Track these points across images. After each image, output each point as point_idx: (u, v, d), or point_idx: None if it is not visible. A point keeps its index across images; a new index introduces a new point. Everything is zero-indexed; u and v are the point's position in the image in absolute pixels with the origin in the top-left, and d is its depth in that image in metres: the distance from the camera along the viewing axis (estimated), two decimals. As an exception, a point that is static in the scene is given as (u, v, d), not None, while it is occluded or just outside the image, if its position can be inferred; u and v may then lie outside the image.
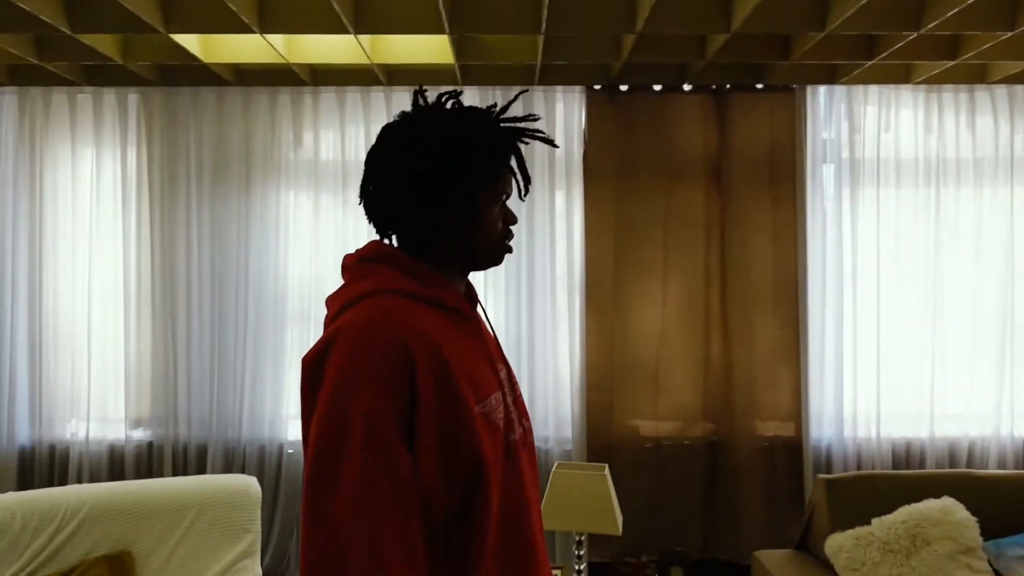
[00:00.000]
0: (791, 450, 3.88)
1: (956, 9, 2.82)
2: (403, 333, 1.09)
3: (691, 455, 3.90)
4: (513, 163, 1.25)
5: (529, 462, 1.28)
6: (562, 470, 2.59)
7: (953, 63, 3.48)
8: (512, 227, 1.29)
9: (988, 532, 2.71)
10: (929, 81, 3.83)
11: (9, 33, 3.03)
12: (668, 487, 3.89)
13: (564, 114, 3.95)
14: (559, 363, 3.91)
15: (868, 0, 2.76)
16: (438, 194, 1.18)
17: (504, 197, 1.26)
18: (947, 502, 2.70)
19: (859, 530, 2.70)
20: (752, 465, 3.88)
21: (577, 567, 2.59)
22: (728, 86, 3.92)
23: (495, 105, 1.26)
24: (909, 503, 2.74)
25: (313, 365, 1.11)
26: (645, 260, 3.93)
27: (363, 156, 1.28)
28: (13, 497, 2.70)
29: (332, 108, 3.92)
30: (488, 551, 1.14)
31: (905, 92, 3.92)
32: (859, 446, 3.88)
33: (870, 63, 3.50)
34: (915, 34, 3.09)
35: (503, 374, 1.28)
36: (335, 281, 1.26)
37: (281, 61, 3.43)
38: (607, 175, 3.93)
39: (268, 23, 3.00)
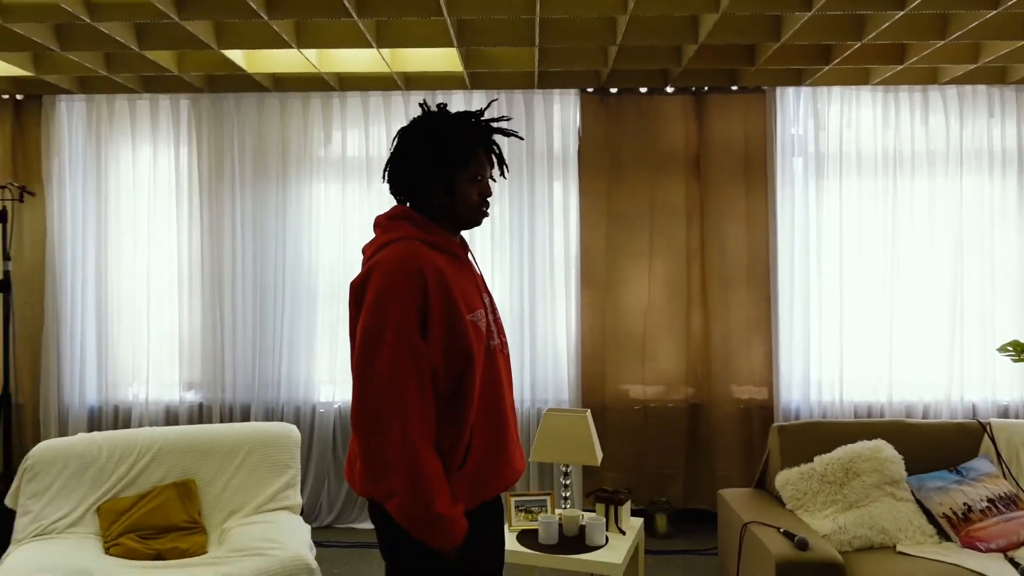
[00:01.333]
0: (763, 412, 4.37)
1: (888, 23, 3.30)
2: (420, 265, 1.62)
3: (674, 416, 4.40)
4: (484, 150, 1.75)
5: (504, 363, 1.82)
6: (551, 413, 3.10)
7: (902, 67, 3.94)
8: (488, 198, 1.79)
9: (915, 470, 3.19)
10: (886, 82, 4.29)
11: (87, 51, 3.60)
12: (653, 445, 4.40)
13: (561, 114, 4.46)
14: (557, 335, 4.42)
15: (812, 16, 3.25)
16: (429, 174, 1.72)
17: (479, 177, 1.75)
18: (878, 443, 3.17)
19: (803, 467, 3.19)
20: (728, 425, 4.37)
21: (564, 494, 3.11)
22: (706, 88, 4.40)
23: (481, 111, 1.78)
24: (849, 444, 3.22)
25: (358, 286, 1.66)
26: (633, 244, 4.43)
27: (385, 152, 1.98)
28: (100, 435, 3.28)
29: (357, 110, 4.46)
30: (473, 418, 1.68)
31: (865, 92, 4.37)
32: (824, 408, 4.36)
33: (828, 67, 3.97)
34: (859, 43, 3.57)
35: (486, 300, 1.83)
36: (360, 263, 1.78)
37: (314, 71, 3.98)
38: (599, 168, 4.44)
39: (304, 40, 3.55)
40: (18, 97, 4.44)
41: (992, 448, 3.25)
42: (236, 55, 3.81)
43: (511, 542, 2.86)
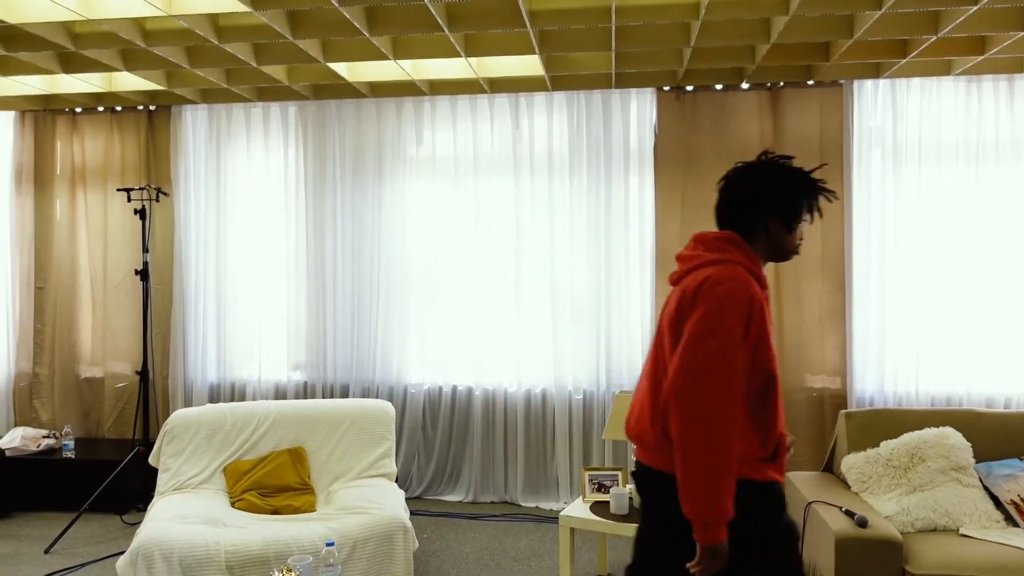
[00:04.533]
0: (836, 400, 4.46)
1: (963, 18, 3.34)
2: (752, 293, 1.84)
3: (746, 401, 4.54)
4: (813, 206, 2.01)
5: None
6: (622, 395, 3.34)
7: (984, 57, 3.93)
8: (800, 242, 2.02)
9: (984, 458, 3.26)
10: (967, 72, 4.26)
11: (212, 67, 4.08)
12: (726, 429, 4.55)
13: (637, 112, 4.65)
14: (631, 323, 4.64)
15: (884, 14, 3.33)
16: (766, 216, 1.96)
17: (803, 225, 2.00)
18: (945, 430, 3.25)
19: (869, 451, 3.31)
20: (801, 413, 4.48)
21: (633, 470, 3.35)
22: (782, 83, 4.50)
23: (813, 170, 2.02)
24: (916, 431, 3.32)
25: (691, 293, 1.87)
26: (707, 235, 4.58)
27: (472, 151, 2.73)
28: (226, 406, 3.76)
29: (446, 112, 4.80)
30: (770, 427, 1.88)
31: (946, 82, 4.36)
32: (899, 398, 4.40)
33: (905, 61, 4.00)
34: (935, 37, 3.61)
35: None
36: (449, 256, 2.09)
37: (407, 78, 4.33)
38: (675, 164, 4.61)
39: (400, 52, 3.90)
40: (150, 108, 5.01)
41: (1066, 439, 3.27)
42: (340, 67, 4.20)
43: (584, 511, 3.13)
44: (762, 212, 1.95)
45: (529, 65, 4.26)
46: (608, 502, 3.21)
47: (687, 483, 1.75)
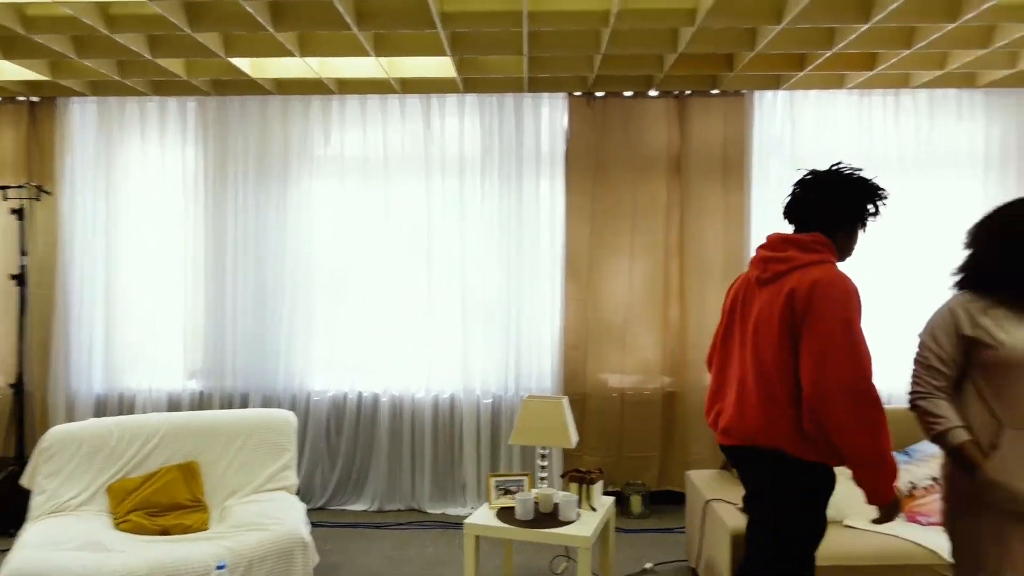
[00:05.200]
0: (738, 400, 4.60)
1: (855, 35, 3.51)
2: (856, 288, 2.08)
3: (650, 403, 4.64)
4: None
5: None
6: (530, 399, 3.33)
7: (874, 72, 4.15)
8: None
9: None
10: (860, 86, 4.49)
11: (102, 59, 3.83)
12: (630, 430, 4.64)
13: (549, 116, 4.67)
14: (542, 327, 4.66)
15: (784, 29, 3.46)
16: (846, 220, 2.19)
17: (863, 231, 2.27)
18: (835, 428, 3.40)
19: (766, 450, 3.42)
20: (701, 412, 4.60)
21: (541, 475, 3.34)
22: (688, 92, 4.61)
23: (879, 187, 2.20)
24: (809, 431, 3.45)
25: (804, 293, 2.06)
26: (616, 240, 4.66)
27: (382, 151, 3.76)
28: (111, 420, 3.53)
29: (356, 112, 4.69)
30: None
31: (840, 95, 4.58)
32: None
33: (803, 73, 4.18)
34: (830, 52, 3.78)
35: None
36: (359, 258, 2.04)
37: (315, 76, 4.20)
38: (585, 168, 4.66)
39: (307, 49, 3.78)
40: (33, 99, 4.67)
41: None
42: (242, 62, 4.03)
43: (490, 517, 3.10)
44: (843, 217, 2.18)
45: (441, 66, 4.21)
46: (514, 508, 3.19)
47: (868, 457, 2.02)
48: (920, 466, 3.28)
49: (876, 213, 2.21)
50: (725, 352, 2.35)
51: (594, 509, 3.19)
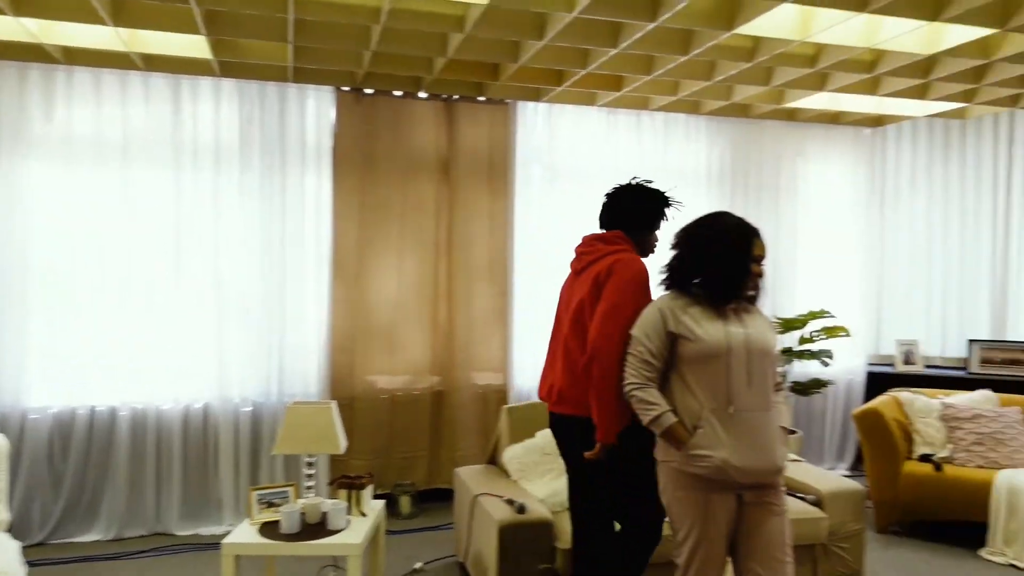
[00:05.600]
0: (499, 395, 4.82)
1: (605, 58, 3.84)
2: (645, 267, 2.56)
3: (419, 403, 4.69)
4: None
5: None
6: (295, 407, 3.18)
7: (620, 94, 4.57)
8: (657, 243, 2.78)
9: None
10: (608, 105, 4.93)
11: None
12: (399, 431, 4.65)
13: (316, 109, 4.49)
14: (307, 328, 4.47)
15: (544, 46, 3.67)
16: (645, 224, 2.72)
17: (659, 230, 2.78)
18: (588, 418, 3.70)
19: (527, 442, 3.62)
20: (469, 409, 4.76)
21: (308, 484, 3.21)
22: (456, 96, 4.72)
23: (665, 190, 2.76)
24: (566, 422, 3.71)
25: (605, 271, 2.54)
26: (384, 239, 4.62)
27: (120, 134, 3.82)
28: None
29: (87, 87, 4.10)
30: None
31: (593, 111, 4.98)
32: (553, 390, 4.91)
33: (560, 89, 4.48)
34: (584, 71, 4.09)
35: None
36: (90, 254, 1.81)
37: (33, 40, 3.60)
38: (353, 165, 4.55)
39: (23, 8, 3.22)
40: None
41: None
42: (-71, 12, 3.33)
43: (252, 534, 2.91)
44: (640, 220, 2.70)
45: (194, 46, 3.84)
46: (279, 521, 3.02)
47: (605, 401, 2.44)
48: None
49: (666, 218, 2.75)
50: (555, 337, 2.78)
51: (364, 515, 3.13)
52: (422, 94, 4.67)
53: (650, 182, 2.76)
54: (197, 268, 4.28)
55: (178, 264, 4.25)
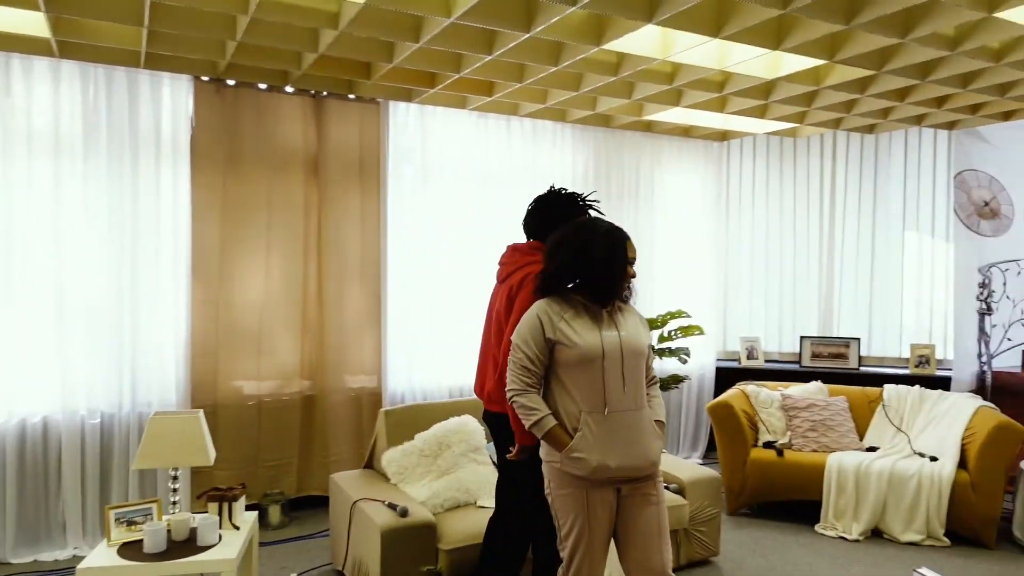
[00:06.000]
0: (373, 398, 4.75)
1: (479, 64, 3.90)
2: None
3: (289, 409, 4.52)
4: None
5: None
6: (159, 417, 2.98)
7: (491, 99, 4.66)
8: None
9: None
10: (479, 109, 5.00)
11: None
12: (267, 439, 4.46)
13: (171, 99, 4.21)
14: (163, 333, 4.18)
15: (419, 48, 3.67)
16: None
17: None
18: (465, 418, 3.75)
19: (406, 444, 3.61)
20: (341, 413, 4.65)
21: (173, 499, 3.01)
22: (325, 93, 4.60)
23: (582, 195, 2.92)
24: (443, 422, 3.74)
25: (516, 287, 2.72)
26: (250, 239, 4.42)
27: None
28: None
29: None
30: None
31: (463, 114, 5.03)
32: (425, 393, 4.91)
33: (433, 91, 4.49)
34: (457, 75, 4.13)
35: None
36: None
37: None
38: (214, 160, 4.31)
39: None
40: None
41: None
42: None
43: (110, 556, 2.70)
44: (553, 228, 2.70)
45: (29, 22, 3.49)
46: (141, 541, 2.82)
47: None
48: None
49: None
50: (485, 339, 2.94)
51: (237, 528, 2.99)
52: (289, 88, 4.51)
53: (564, 190, 2.91)
54: (32, 268, 3.89)
55: (9, 265, 3.83)
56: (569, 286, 2.47)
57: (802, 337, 5.89)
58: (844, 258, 6.02)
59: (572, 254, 2.43)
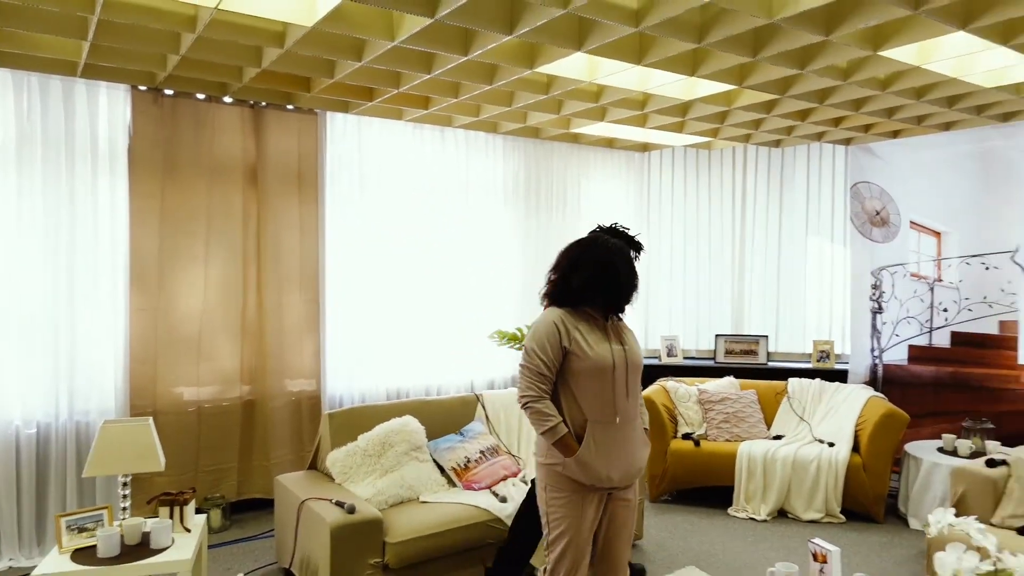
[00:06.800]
0: (312, 402, 4.88)
1: (417, 81, 4.10)
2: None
3: (229, 414, 4.60)
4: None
5: None
6: (110, 425, 3.05)
7: (427, 112, 4.86)
8: None
9: (433, 436, 4.06)
10: (416, 121, 5.19)
11: None
12: (208, 444, 4.53)
13: (108, 108, 4.22)
14: (102, 341, 4.20)
15: (361, 67, 3.84)
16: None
17: None
18: (406, 418, 3.95)
19: (349, 445, 3.78)
20: (281, 417, 4.76)
21: (123, 505, 3.09)
22: (264, 103, 4.69)
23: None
24: (386, 422, 3.92)
25: None
26: (189, 247, 4.47)
27: None
28: None
29: None
30: None
31: (400, 125, 5.21)
32: (364, 394, 5.07)
33: (371, 104, 4.66)
34: (396, 91, 4.32)
35: None
36: None
37: None
38: (152, 169, 4.35)
39: None
40: None
41: (483, 413, 4.33)
42: None
43: (64, 563, 2.78)
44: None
45: (-37, 32, 3.47)
46: (94, 546, 2.90)
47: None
48: (472, 443, 4.04)
49: None
50: None
51: (188, 530, 3.11)
52: (227, 99, 4.58)
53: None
54: (-35, 278, 3.85)
55: (-60, 274, 3.79)
56: (582, 299, 2.51)
57: (717, 335, 6.34)
58: (754, 261, 6.51)
59: (598, 270, 2.50)
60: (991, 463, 3.77)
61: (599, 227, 2.77)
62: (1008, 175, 5.24)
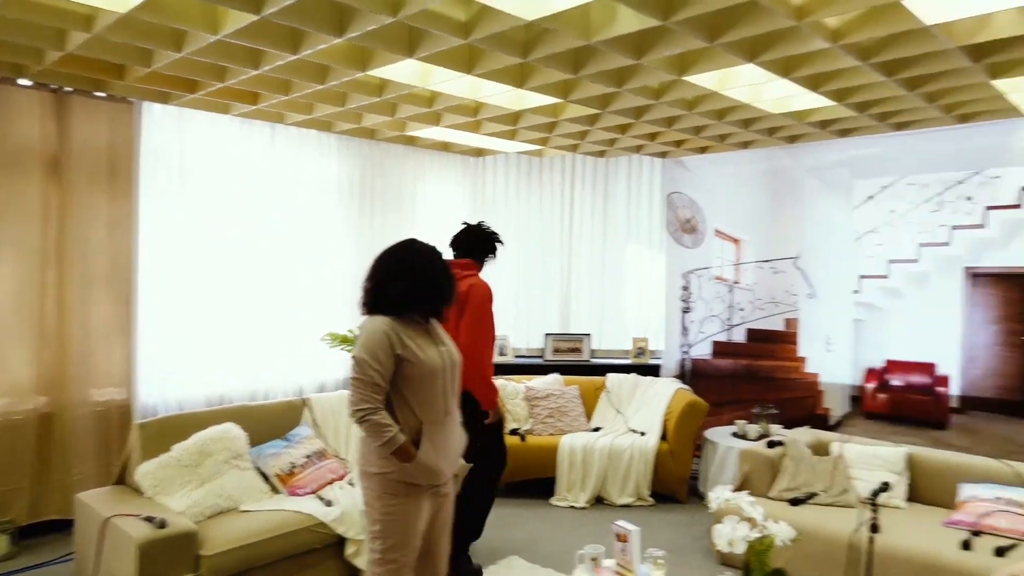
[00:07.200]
0: (122, 411, 4.55)
1: (244, 77, 3.96)
2: (490, 288, 3.73)
3: (22, 429, 4.17)
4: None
5: None
6: None
7: (256, 107, 4.69)
8: None
9: (257, 442, 3.94)
10: (244, 116, 4.99)
11: None
12: (-2, 460, 4.09)
13: None
14: None
15: (181, 57, 3.65)
16: (484, 254, 3.96)
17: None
18: (227, 425, 3.80)
19: (162, 456, 3.58)
20: (86, 428, 4.40)
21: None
22: (69, 88, 4.30)
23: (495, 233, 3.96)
24: (203, 431, 3.76)
25: (463, 294, 3.54)
26: (-26, 242, 4.01)
27: None
28: None
29: None
30: None
31: (227, 119, 4.98)
32: (181, 402, 4.79)
33: (193, 96, 4.43)
34: (221, 85, 4.14)
35: None
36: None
37: None
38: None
39: None
40: None
41: (311, 417, 4.28)
42: None
43: None
44: (481, 251, 3.89)
45: None
46: None
47: (482, 380, 3.62)
48: (298, 448, 3.98)
49: (496, 251, 3.92)
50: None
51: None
52: (25, 81, 4.16)
53: (485, 224, 3.95)
54: None
55: None
56: (404, 306, 2.54)
57: (546, 334, 6.65)
58: (580, 263, 6.89)
59: (418, 277, 2.53)
60: (771, 444, 4.29)
61: (466, 223, 3.92)
62: (792, 191, 5.97)
